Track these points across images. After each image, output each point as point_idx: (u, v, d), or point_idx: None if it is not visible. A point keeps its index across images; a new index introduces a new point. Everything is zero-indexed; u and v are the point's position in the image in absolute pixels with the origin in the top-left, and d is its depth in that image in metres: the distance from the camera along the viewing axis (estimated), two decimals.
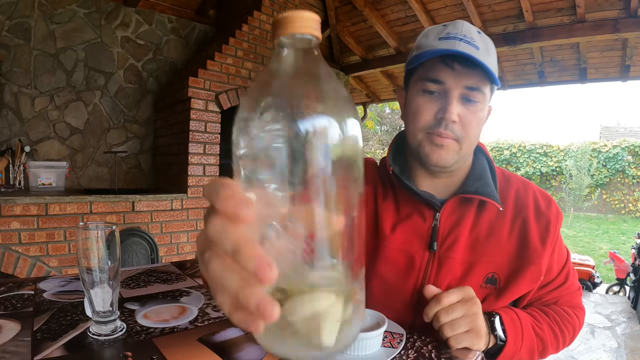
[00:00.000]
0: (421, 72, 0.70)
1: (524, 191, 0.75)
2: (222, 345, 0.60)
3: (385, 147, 15.73)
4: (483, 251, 0.70)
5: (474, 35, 0.67)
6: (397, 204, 0.76)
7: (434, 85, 0.68)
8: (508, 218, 0.72)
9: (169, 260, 2.39)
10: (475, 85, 0.66)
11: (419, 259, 0.71)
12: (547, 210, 0.73)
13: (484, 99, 0.69)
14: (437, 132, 0.68)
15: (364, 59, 4.85)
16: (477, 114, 0.68)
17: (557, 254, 0.74)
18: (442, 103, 0.67)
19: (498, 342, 0.65)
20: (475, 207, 0.72)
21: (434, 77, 0.67)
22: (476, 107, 0.68)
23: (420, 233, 0.72)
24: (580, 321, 0.79)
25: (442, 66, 0.66)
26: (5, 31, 2.70)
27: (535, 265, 0.69)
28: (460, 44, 0.65)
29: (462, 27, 0.68)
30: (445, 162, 0.69)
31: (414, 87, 0.71)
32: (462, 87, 0.66)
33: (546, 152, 11.94)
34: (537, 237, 0.70)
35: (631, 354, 2.74)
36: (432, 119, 0.68)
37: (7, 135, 2.74)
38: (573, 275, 0.80)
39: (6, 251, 2.23)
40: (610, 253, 4.51)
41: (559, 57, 4.04)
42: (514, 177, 0.78)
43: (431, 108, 0.68)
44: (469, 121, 0.68)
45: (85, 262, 0.57)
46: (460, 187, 0.74)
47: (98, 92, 3.13)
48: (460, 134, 0.68)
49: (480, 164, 0.77)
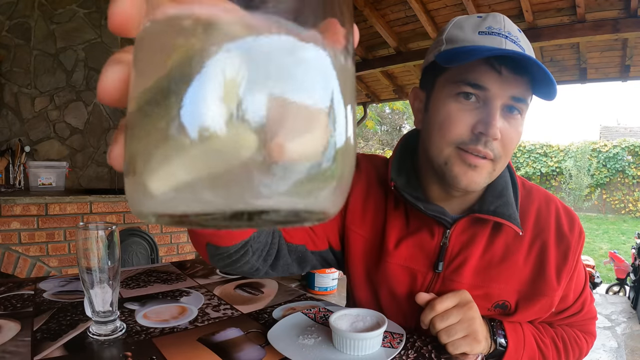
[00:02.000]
0: (456, 72, 0.58)
1: (546, 209, 0.66)
2: (222, 345, 0.60)
3: (386, 147, 15.71)
4: (495, 277, 0.64)
5: (517, 34, 0.57)
6: (407, 213, 0.69)
7: (472, 90, 0.56)
8: (526, 240, 0.64)
9: (169, 260, 2.39)
10: (522, 95, 0.56)
11: (421, 278, 0.66)
12: (570, 232, 0.65)
13: (526, 111, 0.59)
14: (474, 149, 0.56)
15: (363, 59, 4.85)
16: (518, 129, 0.59)
17: (574, 281, 0.68)
18: (483, 114, 0.56)
19: (498, 348, 0.63)
20: (491, 227, 0.65)
21: (475, 81, 0.56)
22: (517, 120, 0.58)
23: (426, 250, 0.66)
24: (588, 346, 0.75)
25: (487, 68, 0.55)
26: (5, 31, 2.69)
27: (548, 298, 0.64)
28: (507, 42, 0.55)
29: (505, 23, 0.58)
30: (477, 186, 0.59)
31: (444, 90, 0.59)
32: (508, 96, 0.56)
33: (546, 152, 11.94)
34: (553, 267, 0.63)
35: (631, 354, 2.74)
36: (467, 132, 0.57)
37: (7, 135, 2.74)
38: (589, 303, 0.73)
39: (6, 251, 2.23)
40: (610, 253, 4.50)
41: (559, 57, 4.04)
42: (535, 190, 0.69)
43: (467, 118, 0.57)
44: (510, 138, 0.58)
45: (85, 262, 0.57)
46: (477, 203, 0.65)
47: None
48: (499, 153, 0.58)
49: (502, 178, 0.66)
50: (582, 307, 0.72)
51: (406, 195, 0.64)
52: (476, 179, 0.58)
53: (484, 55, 0.53)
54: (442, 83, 0.60)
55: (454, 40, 0.58)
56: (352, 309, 0.63)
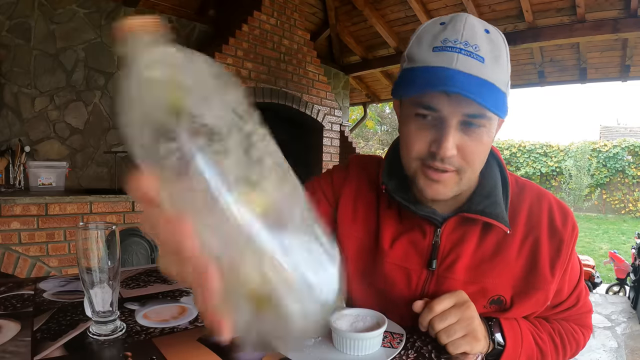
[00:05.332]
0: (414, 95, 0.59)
1: (537, 205, 0.67)
2: (222, 345, 0.60)
3: (386, 147, 15.72)
4: (488, 272, 0.65)
5: (479, 39, 0.55)
6: (399, 213, 0.70)
7: (426, 112, 0.57)
8: (518, 237, 0.65)
9: None
10: (477, 113, 0.56)
11: (415, 277, 0.68)
12: (563, 227, 0.65)
13: (490, 123, 0.58)
14: (433, 164, 0.59)
15: (364, 59, 4.85)
16: (481, 141, 0.58)
17: (568, 274, 0.68)
18: (436, 134, 0.58)
19: (496, 347, 0.63)
20: (481, 225, 0.66)
21: (427, 104, 0.57)
22: (480, 132, 0.58)
23: (419, 249, 0.68)
24: (585, 339, 0.75)
25: (437, 91, 0.55)
26: (5, 31, 2.70)
27: (543, 291, 0.64)
28: (460, 57, 0.54)
29: (464, 28, 0.56)
30: (444, 196, 0.62)
31: (406, 109, 0.62)
32: (461, 114, 0.56)
33: (546, 152, 11.94)
34: (547, 261, 0.64)
35: (631, 354, 2.74)
36: (425, 149, 0.59)
37: (7, 135, 2.74)
38: (585, 296, 0.74)
39: (6, 251, 2.23)
40: (610, 253, 4.50)
41: (559, 57, 4.04)
42: (528, 187, 0.70)
43: (424, 137, 0.59)
44: (471, 151, 0.58)
45: (85, 262, 0.57)
46: (466, 203, 0.67)
47: (98, 92, 3.12)
48: (461, 166, 0.59)
49: (492, 177, 0.68)
50: (577, 300, 0.72)
51: (397, 197, 0.66)
52: (441, 190, 0.61)
53: (422, 90, 0.55)
54: (405, 102, 0.63)
55: (411, 59, 0.59)
56: (352, 309, 0.63)
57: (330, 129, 4.21)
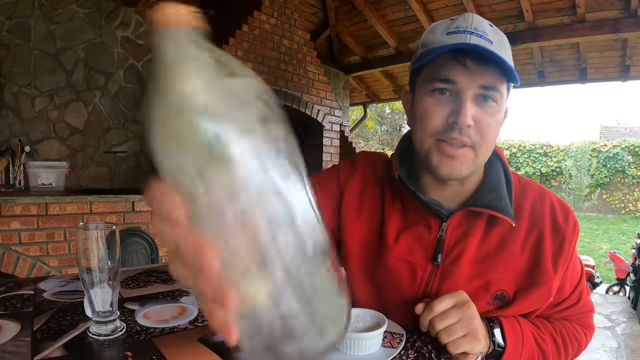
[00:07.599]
0: (429, 72, 0.63)
1: (540, 202, 0.69)
2: (222, 345, 0.60)
3: (386, 147, 15.72)
4: (493, 267, 0.65)
5: (486, 28, 0.61)
6: (404, 208, 0.71)
7: (444, 85, 0.61)
8: (522, 232, 0.67)
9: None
10: (491, 84, 0.60)
11: (420, 271, 0.68)
12: (565, 223, 0.67)
13: (502, 98, 0.62)
14: (450, 137, 0.61)
15: (364, 59, 4.85)
16: (494, 115, 0.62)
17: (570, 272, 0.69)
18: (455, 105, 0.61)
19: (496, 349, 0.63)
20: (486, 219, 0.67)
21: (444, 77, 0.60)
22: (493, 107, 0.61)
23: (424, 243, 0.68)
24: (587, 339, 0.76)
25: (454, 63, 0.59)
26: (5, 31, 2.70)
27: (545, 287, 0.65)
28: (472, 37, 0.59)
29: (473, 20, 0.61)
30: (459, 173, 0.63)
31: (422, 88, 0.65)
32: (477, 86, 0.60)
33: (546, 152, 11.94)
34: (550, 256, 0.65)
35: (631, 354, 2.74)
36: (442, 123, 0.61)
37: (7, 135, 2.74)
38: (586, 295, 0.74)
39: (6, 251, 2.23)
40: (610, 253, 4.50)
41: (559, 57, 4.04)
42: (530, 185, 0.72)
43: (441, 110, 0.61)
44: (486, 124, 0.61)
45: (85, 262, 0.57)
46: (472, 197, 0.68)
47: (98, 92, 3.12)
48: (477, 139, 0.61)
49: (495, 173, 0.70)
50: (579, 298, 0.73)
51: (408, 184, 0.68)
52: (457, 167, 0.62)
53: (439, 52, 0.59)
54: (420, 83, 0.66)
55: (426, 44, 0.65)
56: (352, 309, 0.63)
57: (330, 129, 4.21)
